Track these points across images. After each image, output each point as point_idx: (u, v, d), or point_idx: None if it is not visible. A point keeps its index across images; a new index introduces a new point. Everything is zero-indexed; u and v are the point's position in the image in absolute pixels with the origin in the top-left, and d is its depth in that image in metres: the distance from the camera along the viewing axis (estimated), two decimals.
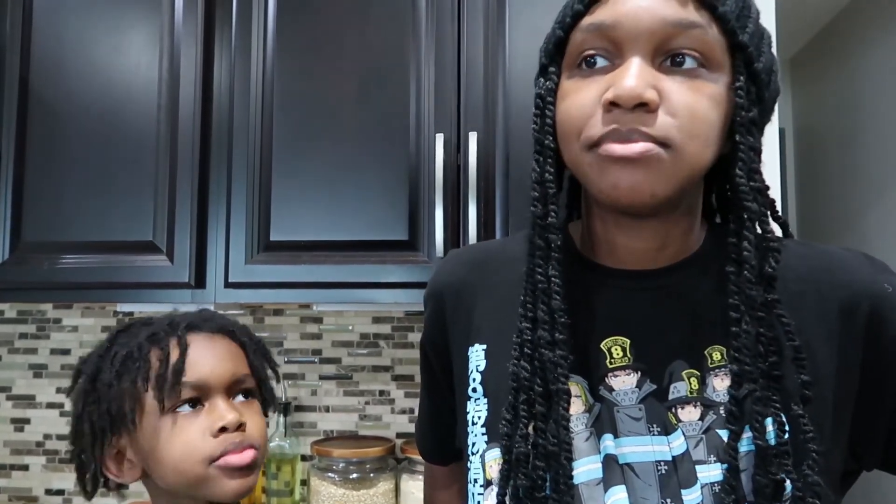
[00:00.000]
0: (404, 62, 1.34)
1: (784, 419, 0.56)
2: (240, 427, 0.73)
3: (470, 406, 0.67)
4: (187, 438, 0.72)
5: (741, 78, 0.57)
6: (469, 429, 0.67)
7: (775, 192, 1.54)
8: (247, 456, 0.72)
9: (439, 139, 1.29)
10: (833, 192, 2.67)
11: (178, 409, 0.73)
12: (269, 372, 0.84)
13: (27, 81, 1.43)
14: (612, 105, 0.55)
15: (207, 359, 0.75)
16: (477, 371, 0.67)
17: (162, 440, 0.72)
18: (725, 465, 0.56)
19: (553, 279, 0.59)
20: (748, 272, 0.56)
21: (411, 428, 1.65)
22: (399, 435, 1.64)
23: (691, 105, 0.55)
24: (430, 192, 1.31)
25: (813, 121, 2.88)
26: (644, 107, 0.54)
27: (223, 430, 0.72)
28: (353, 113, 1.34)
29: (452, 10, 1.34)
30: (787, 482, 0.55)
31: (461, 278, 0.73)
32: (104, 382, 0.74)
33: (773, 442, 0.55)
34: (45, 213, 1.41)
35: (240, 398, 0.77)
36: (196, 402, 0.74)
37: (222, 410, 0.73)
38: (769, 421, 0.56)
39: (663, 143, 0.54)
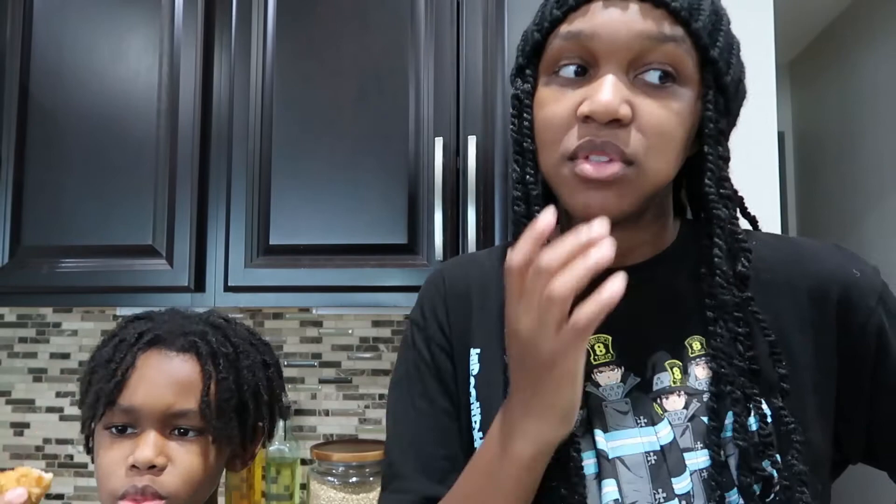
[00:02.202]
0: (403, 66, 1.34)
1: (765, 410, 0.58)
2: (153, 468, 0.68)
3: (472, 407, 0.68)
4: (107, 461, 0.70)
5: (710, 92, 0.59)
6: (473, 433, 0.67)
7: (774, 195, 1.54)
8: None
9: (438, 143, 1.29)
10: (832, 194, 2.67)
11: (110, 428, 0.71)
12: (248, 404, 0.76)
13: (27, 87, 1.44)
14: (588, 118, 0.56)
15: (147, 384, 0.70)
16: (472, 375, 0.68)
17: (97, 452, 0.72)
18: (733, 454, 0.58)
19: None
20: (720, 277, 0.59)
21: None
22: None
23: (660, 123, 0.57)
24: (429, 195, 1.31)
25: (812, 124, 2.88)
26: (617, 122, 0.56)
27: (135, 466, 0.68)
28: (353, 117, 1.34)
29: (451, 14, 1.34)
30: (774, 472, 0.57)
31: (464, 274, 0.73)
32: (85, 375, 0.75)
33: (754, 428, 0.57)
34: (44, 217, 1.41)
35: (176, 433, 0.71)
36: (129, 427, 0.70)
37: (141, 445, 0.68)
38: (751, 417, 0.58)
39: (629, 161, 0.56)
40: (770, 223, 1.47)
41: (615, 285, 0.49)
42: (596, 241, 0.49)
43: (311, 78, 1.37)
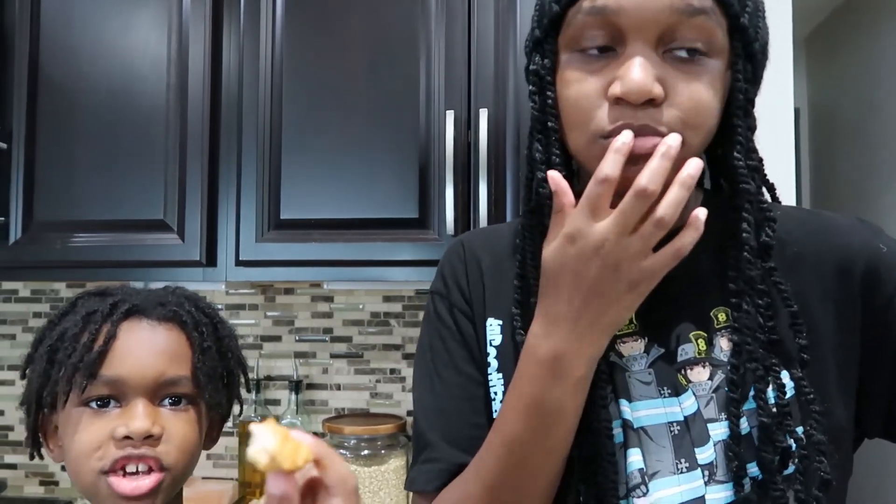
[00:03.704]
0: (414, 38, 1.32)
1: (783, 381, 0.58)
2: (149, 438, 0.64)
3: (490, 377, 0.68)
4: (88, 438, 0.64)
5: (740, 61, 0.57)
6: (491, 404, 0.67)
7: (790, 172, 1.52)
8: (142, 485, 0.63)
9: (449, 116, 1.28)
10: (847, 171, 2.64)
11: (89, 404, 0.65)
12: (234, 373, 0.75)
13: (37, 61, 1.43)
14: (620, 99, 0.55)
15: (133, 354, 0.66)
16: (491, 345, 0.68)
17: (70, 432, 0.66)
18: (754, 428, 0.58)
19: None
20: (747, 253, 0.58)
21: None
22: (410, 413, 1.65)
23: (695, 97, 0.56)
24: (440, 169, 1.30)
25: (828, 100, 2.84)
26: (651, 102, 0.54)
27: (128, 437, 0.63)
28: (363, 90, 1.33)
29: None
30: (793, 443, 0.57)
31: (484, 244, 0.73)
32: (39, 356, 0.69)
33: (772, 400, 0.57)
34: (56, 192, 1.41)
35: (167, 403, 0.67)
36: (112, 400, 0.66)
37: (133, 416, 0.64)
38: (770, 389, 0.58)
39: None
40: (785, 200, 1.45)
41: (702, 213, 0.52)
42: (674, 151, 0.52)
43: (320, 51, 1.35)
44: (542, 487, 0.59)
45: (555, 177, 0.55)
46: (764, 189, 0.64)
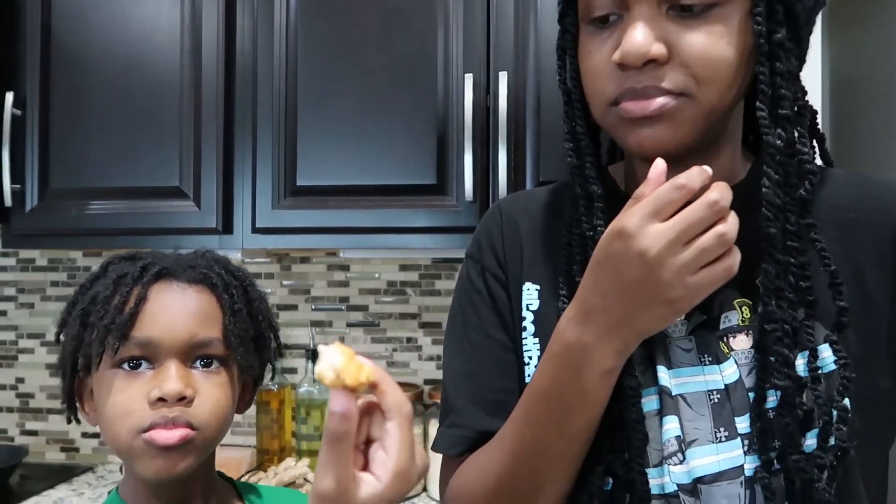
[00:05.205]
0: None
1: (815, 344, 0.56)
2: (182, 400, 0.64)
3: (524, 342, 0.67)
4: (122, 400, 0.65)
5: (761, 4, 0.55)
6: (525, 368, 0.66)
7: None
8: (175, 435, 0.63)
9: (468, 80, 1.26)
10: (869, 143, 2.59)
11: (122, 366, 0.66)
12: (265, 335, 0.74)
13: (49, 28, 1.42)
14: (623, 65, 0.55)
15: (165, 315, 0.66)
16: (528, 309, 0.67)
17: (104, 394, 0.66)
18: (779, 392, 0.56)
19: (598, 227, 0.59)
20: (766, 209, 0.56)
21: (439, 374, 1.65)
22: (426, 381, 1.65)
23: (704, 51, 0.54)
24: (458, 134, 1.28)
25: (849, 69, 2.78)
26: (654, 62, 0.54)
27: (161, 399, 0.63)
28: (379, 54, 1.31)
29: None
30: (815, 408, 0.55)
31: (522, 207, 0.72)
32: (72, 319, 0.69)
33: (803, 372, 0.56)
34: (71, 159, 1.41)
35: (199, 365, 0.67)
36: (143, 362, 0.66)
37: (165, 377, 0.64)
38: (802, 352, 0.56)
39: (679, 94, 0.55)
40: None
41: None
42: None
43: (335, 14, 1.33)
44: (563, 469, 0.59)
45: (658, 165, 0.53)
46: (814, 141, 0.62)
